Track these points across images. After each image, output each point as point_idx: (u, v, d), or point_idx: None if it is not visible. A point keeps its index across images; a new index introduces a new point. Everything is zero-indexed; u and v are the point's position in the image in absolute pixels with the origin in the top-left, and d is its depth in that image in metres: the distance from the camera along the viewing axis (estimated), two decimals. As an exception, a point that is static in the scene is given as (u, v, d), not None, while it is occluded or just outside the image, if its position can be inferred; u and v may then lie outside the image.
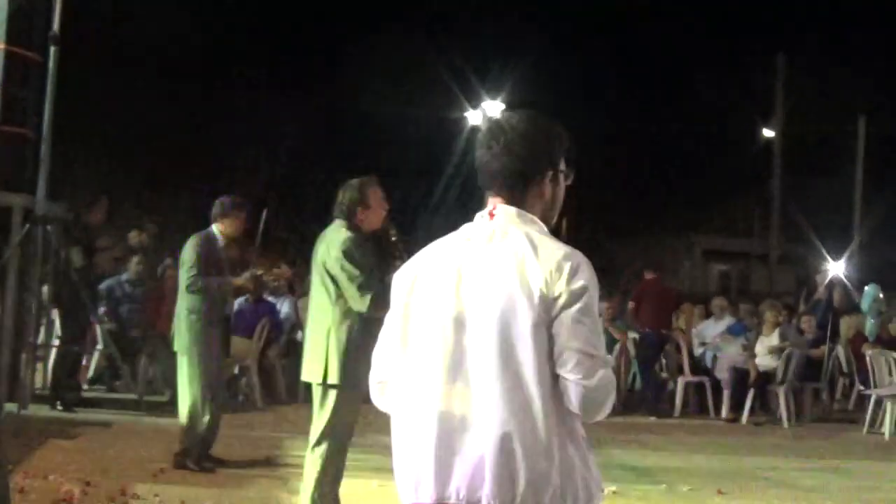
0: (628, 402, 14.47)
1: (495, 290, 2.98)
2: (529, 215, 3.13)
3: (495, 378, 2.94)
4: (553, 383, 2.94)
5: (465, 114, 30.73)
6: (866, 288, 15.33)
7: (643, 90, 42.95)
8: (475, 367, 2.98)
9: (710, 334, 15.79)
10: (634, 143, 43.02)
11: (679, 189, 43.34)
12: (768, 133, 39.90)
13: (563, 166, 3.24)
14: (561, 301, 2.93)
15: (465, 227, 3.18)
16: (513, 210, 3.13)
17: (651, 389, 14.80)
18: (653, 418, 13.99)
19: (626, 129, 41.87)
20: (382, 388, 3.21)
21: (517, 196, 3.15)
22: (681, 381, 14.61)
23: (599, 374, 2.93)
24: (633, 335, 15.22)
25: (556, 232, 3.22)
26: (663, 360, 15.08)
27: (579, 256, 3.01)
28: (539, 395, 2.93)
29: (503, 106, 28.35)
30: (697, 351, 15.32)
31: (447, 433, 2.99)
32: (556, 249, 3.02)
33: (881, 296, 14.88)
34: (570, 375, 2.92)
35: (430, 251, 3.18)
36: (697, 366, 14.86)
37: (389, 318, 3.21)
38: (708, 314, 16.95)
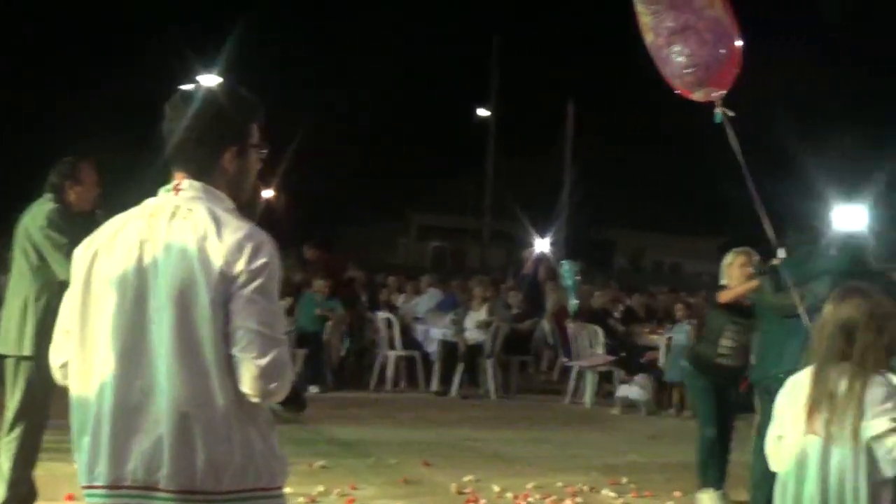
0: (339, 378, 14.56)
1: (176, 267, 2.90)
2: (216, 191, 3.05)
3: (174, 357, 2.86)
4: (231, 363, 2.88)
5: (180, 87, 30.04)
6: (563, 264, 15.96)
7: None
8: (154, 346, 2.89)
9: (421, 309, 16.08)
10: (352, 122, 43.27)
11: (396, 167, 43.97)
12: (483, 113, 40.91)
13: (253, 140, 3.14)
14: (239, 280, 2.87)
15: (149, 202, 3.07)
16: (198, 185, 3.04)
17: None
18: (363, 393, 14.14)
19: (343, 108, 42.02)
20: (65, 370, 3.07)
21: (201, 171, 3.06)
22: (392, 356, 14.79)
23: (272, 354, 2.87)
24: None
25: (271, 211, 3.16)
26: (375, 335, 15.25)
27: (262, 236, 2.96)
28: (217, 374, 2.87)
29: (220, 79, 27.86)
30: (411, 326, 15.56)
31: (125, 413, 2.90)
32: (238, 228, 2.94)
33: (578, 278, 15.52)
34: (242, 354, 2.86)
35: (112, 226, 3.07)
36: (408, 340, 15.10)
37: (69, 295, 3.07)
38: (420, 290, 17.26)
